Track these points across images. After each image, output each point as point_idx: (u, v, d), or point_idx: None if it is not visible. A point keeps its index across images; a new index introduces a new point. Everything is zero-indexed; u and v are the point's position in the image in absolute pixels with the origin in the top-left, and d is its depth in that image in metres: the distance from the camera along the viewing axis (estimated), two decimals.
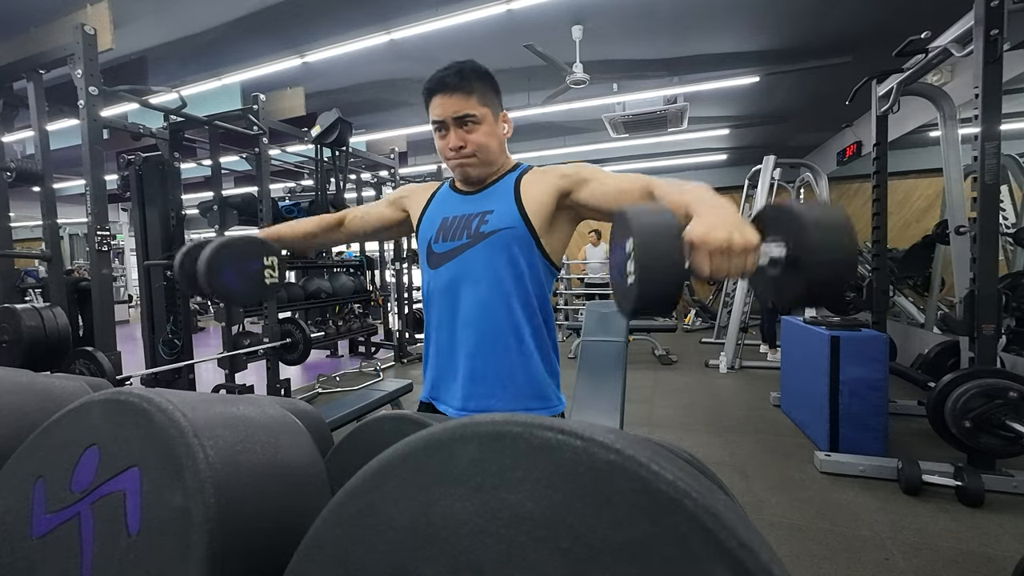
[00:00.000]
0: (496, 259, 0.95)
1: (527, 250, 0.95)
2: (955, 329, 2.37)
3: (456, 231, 0.99)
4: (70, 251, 11.01)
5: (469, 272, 0.96)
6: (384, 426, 0.56)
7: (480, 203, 0.99)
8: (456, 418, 0.29)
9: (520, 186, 0.98)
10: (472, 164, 0.97)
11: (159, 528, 0.31)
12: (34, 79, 2.68)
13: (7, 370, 0.55)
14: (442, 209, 1.04)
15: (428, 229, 1.03)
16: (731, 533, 0.21)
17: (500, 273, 0.95)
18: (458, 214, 1.00)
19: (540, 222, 0.95)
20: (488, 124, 0.96)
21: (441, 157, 0.99)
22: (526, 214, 0.95)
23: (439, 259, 1.00)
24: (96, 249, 2.50)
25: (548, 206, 0.96)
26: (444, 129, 0.95)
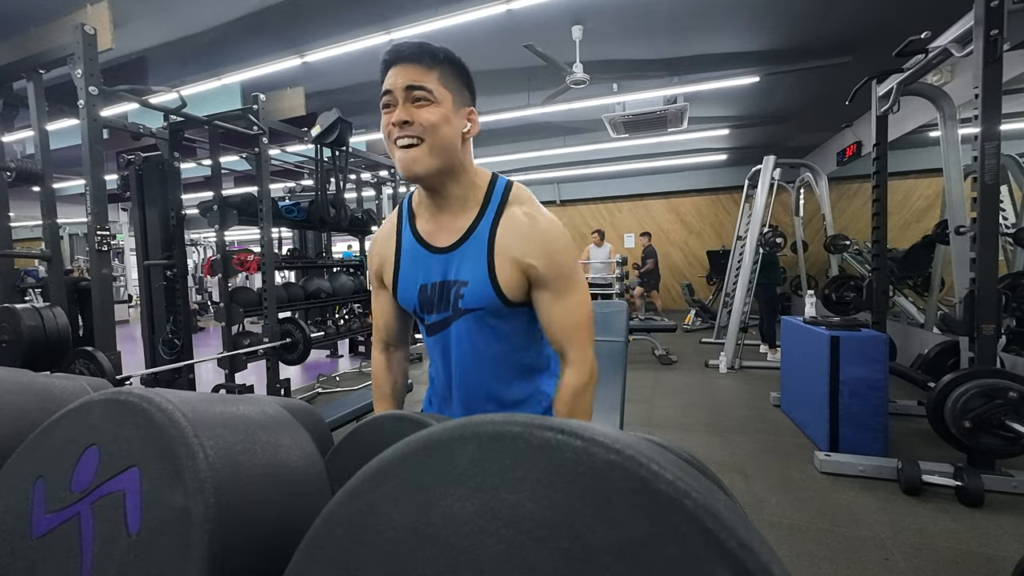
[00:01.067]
0: (480, 334, 0.90)
1: (509, 316, 0.90)
2: (955, 329, 2.37)
3: (438, 303, 0.91)
4: (70, 251, 11.01)
5: (457, 347, 0.93)
6: (384, 426, 0.56)
7: (454, 266, 0.89)
8: (456, 418, 0.29)
9: (495, 246, 0.86)
10: (415, 151, 0.80)
11: (159, 528, 0.31)
12: (34, 79, 2.68)
13: (7, 370, 0.55)
14: (416, 272, 0.92)
15: (409, 298, 0.94)
16: (731, 533, 0.21)
17: (488, 347, 0.91)
18: (434, 280, 0.91)
19: (515, 296, 0.88)
20: (445, 108, 0.80)
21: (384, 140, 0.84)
22: (500, 290, 0.86)
23: (431, 328, 0.95)
24: (96, 249, 2.50)
25: (521, 287, 0.88)
26: (392, 104, 0.80)
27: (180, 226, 3.64)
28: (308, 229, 5.27)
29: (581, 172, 9.20)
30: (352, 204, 5.21)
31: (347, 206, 4.59)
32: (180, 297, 3.65)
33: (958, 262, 2.84)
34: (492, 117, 5.42)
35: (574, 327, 0.88)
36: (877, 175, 3.15)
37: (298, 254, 5.20)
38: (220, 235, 3.72)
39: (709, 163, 8.80)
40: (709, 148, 7.74)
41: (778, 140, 7.18)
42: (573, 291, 0.88)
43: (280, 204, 4.13)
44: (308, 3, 3.38)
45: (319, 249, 5.73)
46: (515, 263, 0.85)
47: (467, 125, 0.86)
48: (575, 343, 0.88)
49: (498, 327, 0.90)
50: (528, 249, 0.85)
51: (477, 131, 0.88)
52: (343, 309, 5.34)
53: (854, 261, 6.06)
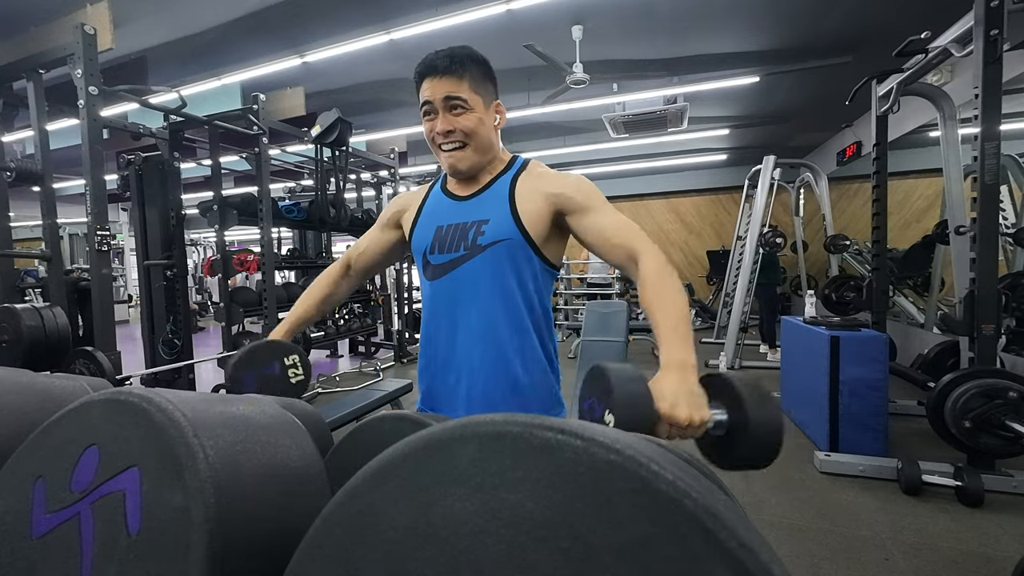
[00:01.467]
0: (496, 272, 0.93)
1: (527, 258, 0.94)
2: (955, 329, 2.37)
3: (452, 242, 0.95)
4: (70, 251, 11.01)
5: (470, 286, 0.94)
6: (384, 426, 0.56)
7: (475, 210, 0.96)
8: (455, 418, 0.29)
9: (515, 192, 0.95)
10: (460, 153, 0.93)
11: (159, 528, 0.31)
12: (34, 79, 2.68)
13: (7, 370, 0.55)
14: (435, 216, 1.00)
15: (422, 238, 0.99)
16: (731, 533, 0.21)
17: (501, 286, 0.93)
18: (453, 222, 0.96)
19: (537, 232, 0.93)
20: (479, 111, 0.92)
21: (428, 143, 0.96)
22: (522, 224, 0.92)
23: (436, 271, 0.97)
24: (96, 249, 2.50)
25: (544, 219, 0.93)
26: (432, 112, 0.92)
27: (180, 226, 3.64)
28: (308, 229, 5.27)
29: (581, 172, 9.16)
30: (352, 204, 5.21)
31: (347, 206, 4.59)
32: (180, 297, 3.65)
33: (958, 262, 2.84)
34: None
35: (630, 228, 0.93)
36: (877, 175, 3.15)
37: (298, 254, 5.20)
38: (220, 235, 3.72)
39: (709, 163, 8.80)
40: (709, 148, 7.74)
41: (778, 140, 7.18)
42: (612, 209, 0.95)
43: (280, 204, 4.14)
44: (308, 3, 3.38)
45: (319, 249, 5.73)
46: (539, 195, 0.94)
47: (497, 118, 0.98)
48: (637, 239, 0.91)
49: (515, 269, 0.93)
50: (551, 184, 0.95)
51: (505, 119, 1.00)
52: (343, 309, 5.33)
53: (854, 261, 6.06)
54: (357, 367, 5.39)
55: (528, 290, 0.95)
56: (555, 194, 0.93)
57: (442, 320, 0.98)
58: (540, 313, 0.97)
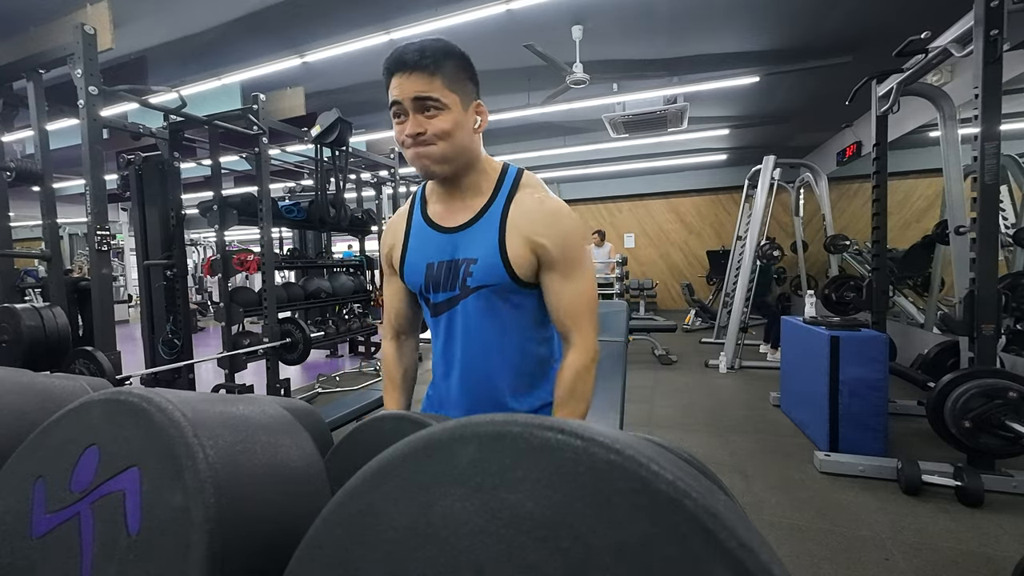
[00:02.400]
0: (487, 313, 0.90)
1: (518, 295, 0.91)
2: (955, 329, 2.37)
3: (445, 281, 0.91)
4: (70, 251, 11.01)
5: (462, 327, 0.92)
6: (384, 426, 0.56)
7: (464, 245, 0.90)
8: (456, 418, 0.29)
9: (506, 226, 0.87)
10: (432, 156, 0.83)
11: (159, 528, 0.31)
12: (34, 79, 2.68)
13: (7, 370, 0.55)
14: (424, 251, 0.93)
15: (415, 278, 0.94)
16: (731, 533, 0.21)
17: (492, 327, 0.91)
18: (442, 259, 0.91)
19: (525, 273, 0.88)
20: (455, 111, 0.82)
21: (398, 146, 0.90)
22: (511, 267, 0.87)
23: (437, 308, 0.95)
24: (96, 249, 2.50)
25: (532, 265, 0.88)
26: (402, 114, 0.82)
27: (180, 226, 3.64)
28: (308, 229, 5.27)
29: (581, 172, 9.20)
30: (352, 204, 5.21)
31: (347, 206, 4.59)
32: (180, 297, 3.65)
33: (958, 262, 2.84)
34: (492, 117, 5.36)
35: (580, 310, 0.89)
36: (877, 175, 3.15)
37: (298, 254, 5.20)
38: (220, 235, 3.72)
39: (709, 163, 8.80)
40: (709, 148, 7.74)
41: (778, 140, 7.18)
42: (581, 274, 0.89)
43: (280, 204, 4.14)
44: (308, 3, 3.38)
45: (319, 249, 5.73)
46: (526, 241, 0.87)
47: (477, 120, 0.88)
48: (580, 325, 0.89)
49: (506, 309, 0.91)
50: (538, 228, 0.87)
51: (487, 121, 0.90)
52: (343, 309, 5.33)
53: (854, 261, 6.06)
54: (357, 367, 5.39)
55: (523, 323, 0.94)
56: (539, 244, 0.87)
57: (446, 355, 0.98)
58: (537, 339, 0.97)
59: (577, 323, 0.89)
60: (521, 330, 0.94)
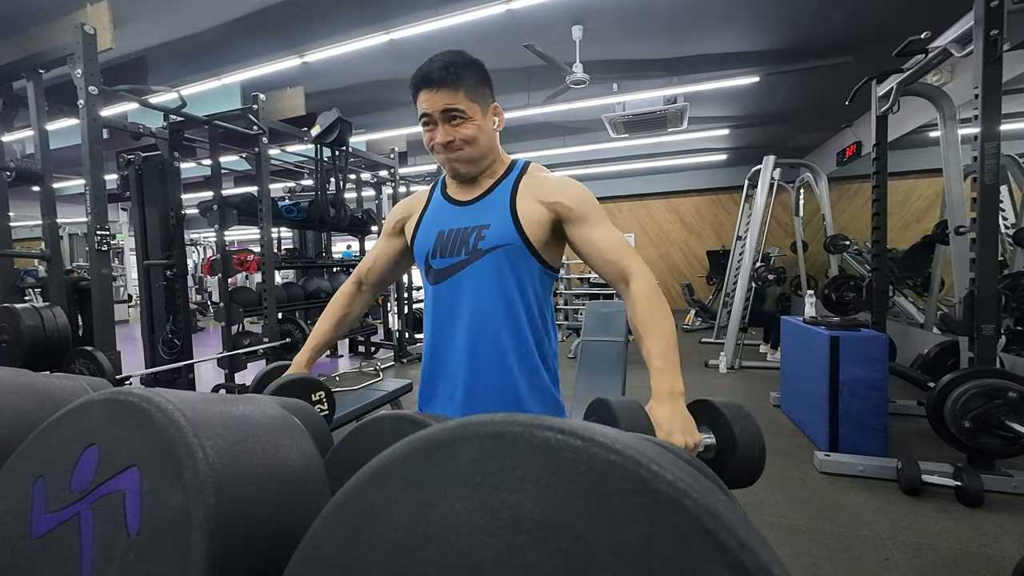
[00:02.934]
0: (498, 276, 0.94)
1: (527, 263, 0.95)
2: (955, 329, 2.37)
3: (454, 246, 0.96)
4: (70, 251, 11.01)
5: (471, 290, 0.95)
6: (384, 426, 0.56)
7: (476, 215, 0.97)
8: (456, 418, 0.29)
9: (516, 197, 0.96)
10: (461, 159, 0.95)
11: (159, 528, 0.31)
12: (34, 79, 2.68)
13: (7, 370, 0.55)
14: (437, 221, 1.01)
15: (424, 242, 1.01)
16: (731, 533, 0.21)
17: (502, 289, 0.95)
18: (455, 227, 0.98)
19: (537, 237, 0.94)
20: (477, 119, 0.93)
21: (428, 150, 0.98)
22: (523, 230, 0.94)
23: (438, 275, 0.98)
24: (96, 249, 2.50)
25: (544, 225, 0.95)
26: (432, 124, 0.93)
27: (180, 226, 3.64)
28: (308, 229, 5.27)
29: (581, 172, 9.20)
30: (352, 204, 5.21)
31: (347, 206, 4.60)
32: (180, 297, 3.65)
33: (958, 262, 2.84)
34: None
35: (622, 247, 0.94)
36: (877, 175, 3.15)
37: (298, 254, 5.20)
38: (220, 235, 3.72)
39: (709, 163, 8.80)
40: (709, 148, 7.74)
41: (778, 140, 7.18)
42: (608, 223, 0.96)
43: (280, 204, 4.14)
44: (308, 3, 3.38)
45: (319, 249, 5.73)
46: (540, 201, 0.95)
47: (495, 121, 0.99)
48: (631, 258, 0.93)
49: (516, 273, 0.95)
50: (551, 191, 0.96)
51: (504, 120, 1.01)
52: None
53: (854, 261, 6.06)
54: (357, 367, 5.39)
55: (528, 294, 0.97)
56: (555, 202, 0.94)
57: (444, 323, 0.99)
58: (540, 316, 0.99)
59: (624, 257, 0.93)
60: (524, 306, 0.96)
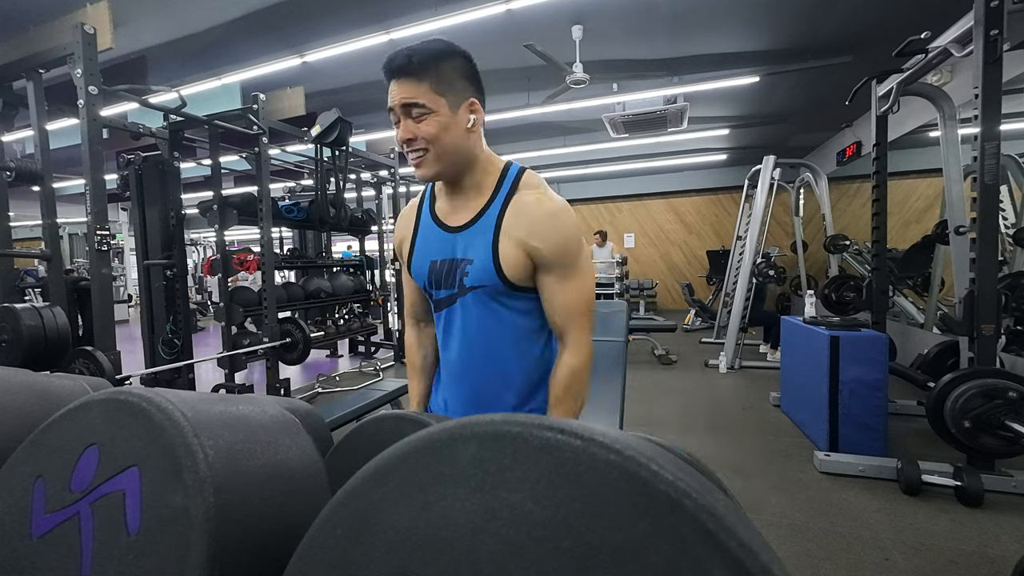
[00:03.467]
0: (487, 311, 0.92)
1: (511, 297, 0.92)
2: (955, 329, 2.37)
3: (445, 279, 0.94)
4: (70, 251, 11.01)
5: (465, 321, 0.95)
6: (384, 426, 0.56)
7: (463, 246, 0.92)
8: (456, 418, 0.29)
9: (500, 230, 0.88)
10: (423, 161, 0.86)
11: (159, 528, 0.31)
12: (34, 78, 2.68)
13: (7, 370, 0.55)
14: (429, 249, 0.97)
15: (420, 273, 0.98)
16: (731, 533, 0.21)
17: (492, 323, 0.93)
18: (444, 258, 0.94)
19: (518, 278, 0.89)
20: (443, 115, 0.83)
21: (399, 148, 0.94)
22: (502, 272, 0.88)
23: (438, 304, 0.98)
24: (96, 249, 2.50)
25: (524, 268, 0.89)
26: (395, 118, 0.86)
27: (180, 226, 3.64)
28: (308, 229, 5.27)
29: (581, 172, 9.20)
30: (352, 204, 5.21)
31: (347, 206, 4.59)
32: (180, 297, 3.65)
33: (958, 262, 2.84)
34: (492, 117, 5.42)
35: (574, 310, 0.90)
36: (877, 175, 3.15)
37: (298, 254, 5.20)
38: (220, 235, 3.72)
39: (709, 163, 8.80)
40: (709, 148, 7.74)
41: (778, 140, 7.18)
42: (577, 275, 0.90)
43: (280, 204, 4.14)
44: (308, 3, 3.38)
45: (319, 249, 5.73)
46: (520, 244, 0.87)
47: (470, 119, 0.87)
48: (574, 326, 0.91)
49: (501, 310, 0.93)
50: (534, 231, 0.87)
51: (483, 119, 0.90)
52: (343, 309, 5.33)
53: (854, 261, 6.06)
54: (357, 367, 5.39)
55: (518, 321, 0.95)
56: (534, 247, 0.87)
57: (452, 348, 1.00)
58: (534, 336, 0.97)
59: (572, 323, 0.91)
60: (520, 333, 0.95)
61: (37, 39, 2.84)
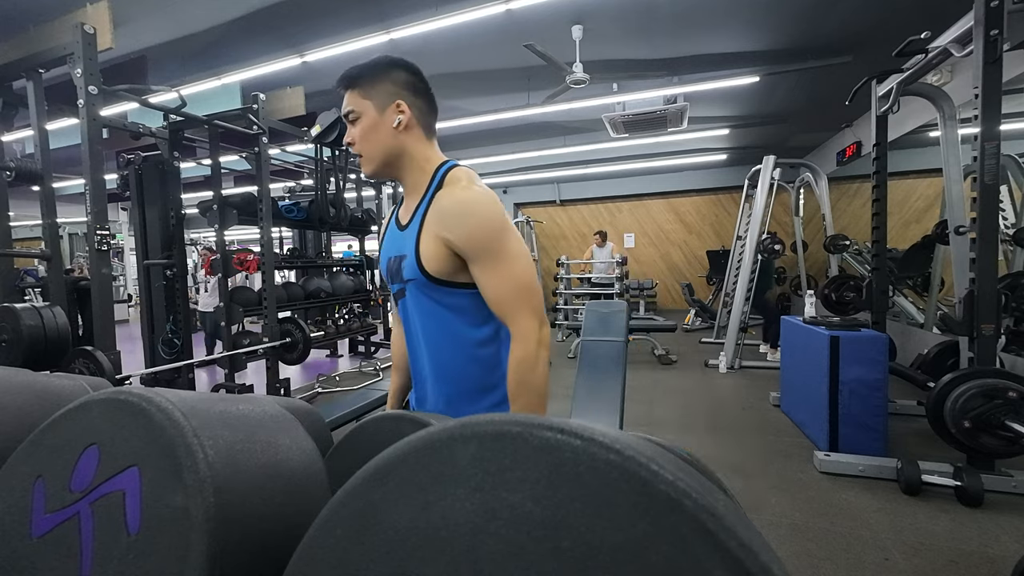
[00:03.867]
0: (425, 303, 0.95)
1: (441, 291, 0.93)
2: (955, 329, 2.37)
3: (395, 274, 0.98)
4: (70, 251, 11.01)
5: (409, 315, 1.00)
6: (384, 426, 0.56)
7: (403, 243, 0.96)
8: (456, 418, 0.30)
9: (423, 225, 0.92)
10: (362, 161, 0.95)
11: (159, 528, 0.31)
12: (34, 78, 2.68)
13: (7, 370, 0.55)
14: (387, 246, 1.03)
15: (383, 269, 1.05)
16: (731, 533, 0.21)
17: (429, 315, 0.96)
18: (394, 254, 0.99)
19: (441, 271, 0.91)
20: (368, 116, 0.91)
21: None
22: (423, 266, 0.91)
23: (395, 297, 1.04)
24: (96, 249, 2.50)
25: (444, 260, 0.90)
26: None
27: (180, 226, 3.64)
28: (308, 229, 5.27)
29: (581, 172, 9.20)
30: (352, 204, 5.21)
31: (347, 206, 4.60)
32: (180, 297, 3.65)
33: (958, 262, 2.84)
34: (492, 117, 5.42)
35: (507, 298, 0.89)
36: (877, 175, 3.15)
37: (298, 254, 5.20)
38: (220, 235, 3.72)
39: (709, 163, 8.80)
40: (709, 148, 7.74)
41: (778, 140, 7.18)
42: (502, 262, 0.89)
43: (280, 204, 4.14)
44: (308, 3, 3.37)
45: (319, 249, 5.73)
46: (436, 237, 0.90)
47: (397, 119, 0.92)
48: (513, 315, 0.89)
49: (433, 305, 0.95)
50: (447, 223, 0.89)
51: (409, 117, 0.93)
52: (343, 309, 5.33)
53: (854, 261, 6.06)
54: (357, 367, 5.39)
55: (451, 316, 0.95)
56: (447, 239, 0.89)
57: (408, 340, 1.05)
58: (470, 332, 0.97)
59: (510, 312, 0.89)
60: (455, 328, 0.95)
61: (37, 39, 2.84)
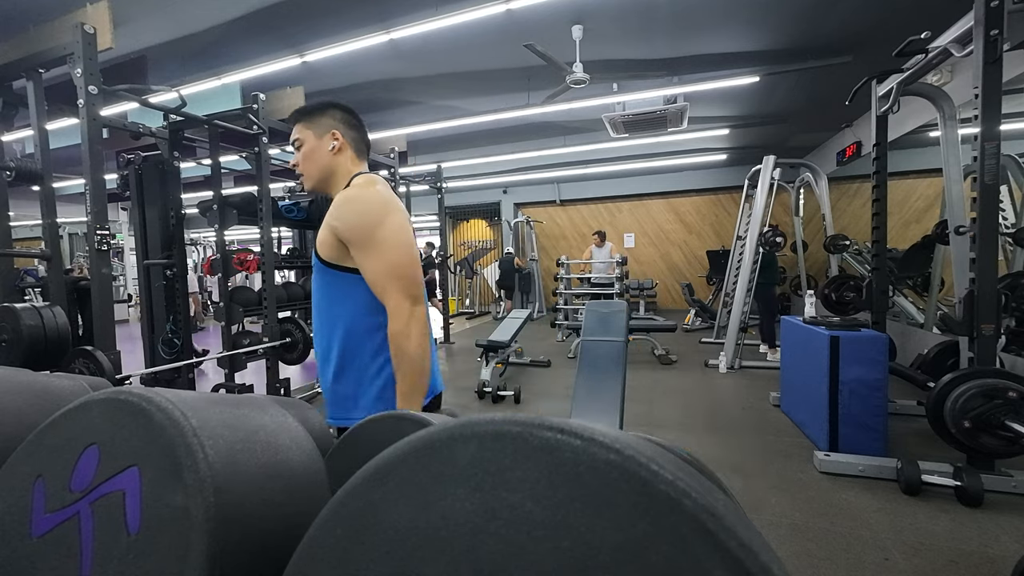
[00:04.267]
0: (317, 287, 1.13)
1: (334, 276, 1.09)
2: (955, 329, 2.37)
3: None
4: (70, 251, 11.01)
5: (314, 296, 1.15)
6: (384, 426, 0.56)
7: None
8: (457, 417, 0.30)
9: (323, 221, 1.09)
10: (304, 179, 1.17)
11: (159, 528, 0.31)
12: (34, 78, 2.68)
13: (7, 370, 0.55)
14: None
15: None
16: (731, 533, 0.21)
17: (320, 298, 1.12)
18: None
19: (330, 256, 1.08)
20: (309, 142, 1.14)
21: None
22: (318, 252, 1.09)
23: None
24: (96, 249, 2.50)
25: (333, 247, 1.07)
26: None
27: (180, 226, 3.63)
28: (308, 229, 5.26)
29: (581, 172, 9.20)
30: None
31: None
32: (180, 297, 3.65)
33: (958, 262, 2.84)
34: (492, 117, 5.42)
35: (381, 279, 1.03)
36: (877, 175, 3.15)
37: (298, 254, 5.19)
38: (220, 235, 3.72)
39: (709, 163, 8.80)
40: (709, 148, 7.74)
41: (778, 140, 7.18)
42: (377, 246, 1.03)
43: (280, 204, 4.13)
44: (308, 3, 3.37)
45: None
46: (327, 226, 1.07)
47: (332, 144, 1.15)
48: (386, 294, 1.03)
49: (322, 284, 1.12)
50: (335, 213, 1.06)
51: (342, 142, 1.16)
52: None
53: (854, 261, 6.06)
54: None
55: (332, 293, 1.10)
56: (333, 226, 1.06)
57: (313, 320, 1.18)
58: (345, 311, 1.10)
59: (383, 292, 1.03)
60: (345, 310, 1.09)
61: (37, 39, 2.84)
